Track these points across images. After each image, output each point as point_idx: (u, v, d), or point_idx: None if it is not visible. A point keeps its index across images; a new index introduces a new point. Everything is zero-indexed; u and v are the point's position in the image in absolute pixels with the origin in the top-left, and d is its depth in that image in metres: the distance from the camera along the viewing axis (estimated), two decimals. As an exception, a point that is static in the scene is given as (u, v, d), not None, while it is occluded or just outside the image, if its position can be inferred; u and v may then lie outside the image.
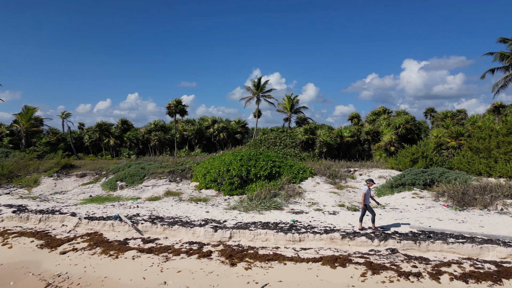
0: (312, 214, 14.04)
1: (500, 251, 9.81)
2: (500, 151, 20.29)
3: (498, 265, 9.21)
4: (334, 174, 21.65)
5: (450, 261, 9.54)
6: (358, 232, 11.30)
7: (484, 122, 29.19)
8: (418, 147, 24.77)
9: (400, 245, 10.43)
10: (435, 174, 18.69)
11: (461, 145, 27.52)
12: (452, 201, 15.64)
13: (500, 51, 38.00)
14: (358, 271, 8.91)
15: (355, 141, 39.83)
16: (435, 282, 8.36)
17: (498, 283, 8.30)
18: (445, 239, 10.55)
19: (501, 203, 14.99)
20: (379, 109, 47.94)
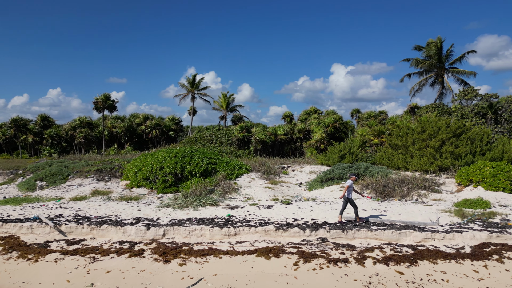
0: (248, 208, 14.21)
1: (415, 235, 10.84)
2: (415, 148, 22.41)
3: (414, 248, 10.17)
4: (269, 170, 22.15)
5: (373, 246, 10.31)
6: (291, 224, 11.69)
7: (402, 122, 32.03)
8: (345, 144, 26.37)
9: (330, 234, 11.01)
10: (360, 168, 20.04)
11: (383, 143, 29.88)
12: (375, 193, 16.92)
13: (416, 58, 42.03)
14: (291, 260, 9.21)
15: (289, 139, 41.17)
16: (361, 266, 8.96)
17: (414, 264, 9.16)
18: (369, 227, 11.37)
19: (416, 194, 16.58)
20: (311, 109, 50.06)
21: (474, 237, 10.62)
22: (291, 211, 13.62)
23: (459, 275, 8.52)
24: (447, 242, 10.55)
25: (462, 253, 9.68)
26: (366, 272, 8.62)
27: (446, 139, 21.63)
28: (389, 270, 8.77)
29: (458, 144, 21.20)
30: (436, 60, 40.74)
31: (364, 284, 8.05)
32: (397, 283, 8.10)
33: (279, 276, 8.38)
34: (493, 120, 31.31)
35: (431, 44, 40.28)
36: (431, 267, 8.96)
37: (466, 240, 10.58)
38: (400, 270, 8.76)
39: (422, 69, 42.43)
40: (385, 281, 8.18)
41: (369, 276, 8.40)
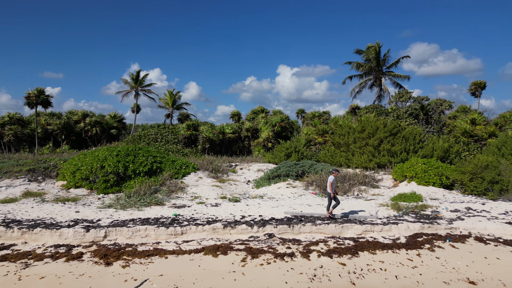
0: (195, 207, 13.97)
1: (356, 228, 11.39)
2: (356, 146, 23.58)
3: (355, 241, 10.68)
4: (217, 169, 21.98)
5: (318, 240, 10.65)
6: (239, 221, 11.70)
7: (344, 122, 33.58)
8: (291, 143, 27.02)
9: (277, 229, 11.19)
10: (305, 166, 20.63)
11: (326, 141, 31.06)
12: (319, 189, 17.51)
13: (357, 61, 44.27)
14: (239, 257, 9.22)
15: (237, 137, 41.24)
16: (306, 259, 9.21)
17: (355, 255, 9.61)
18: (314, 221, 11.73)
19: (357, 189, 17.44)
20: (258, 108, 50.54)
21: (409, 228, 11.41)
22: (239, 209, 13.63)
23: (396, 264, 9.09)
24: (385, 233, 11.23)
25: (398, 243, 10.35)
26: (311, 265, 8.88)
27: (383, 137, 23.03)
28: (332, 262, 9.11)
29: (394, 143, 22.67)
30: (375, 64, 43.23)
31: (309, 276, 8.28)
32: (339, 274, 8.44)
33: (226, 273, 8.33)
34: (424, 121, 33.95)
35: (371, 49, 42.66)
36: (370, 257, 9.46)
37: (402, 231, 11.34)
38: (343, 261, 9.14)
39: (362, 72, 44.82)
40: (329, 273, 8.48)
41: (314, 269, 8.66)
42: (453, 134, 30.52)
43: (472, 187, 16.31)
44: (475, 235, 11.02)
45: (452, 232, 11.28)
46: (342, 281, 8.17)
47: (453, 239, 10.61)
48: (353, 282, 8.13)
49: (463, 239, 10.68)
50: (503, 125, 31.11)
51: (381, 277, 8.40)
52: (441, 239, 10.64)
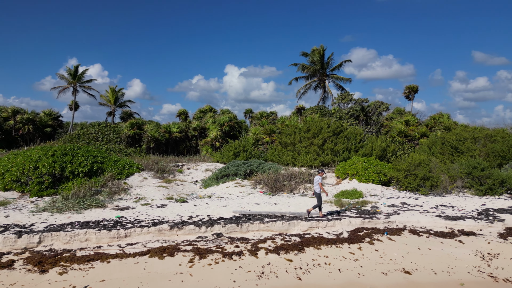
0: (140, 208, 13.46)
1: (302, 225, 11.72)
2: (302, 145, 24.28)
3: (301, 237, 10.98)
4: (163, 169, 21.38)
5: (265, 238, 10.79)
6: (186, 222, 11.48)
7: (290, 122, 34.45)
8: (239, 142, 27.12)
9: (225, 229, 11.15)
10: (253, 165, 20.82)
11: (274, 141, 31.63)
12: (267, 188, 17.77)
13: (302, 63, 45.59)
14: (186, 258, 9.04)
15: (184, 137, 40.46)
16: (254, 257, 9.29)
17: (301, 251, 9.88)
18: (262, 219, 11.87)
19: (303, 187, 17.96)
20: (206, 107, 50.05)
21: (351, 223, 11.99)
22: (187, 209, 13.39)
23: (339, 257, 9.50)
24: (329, 229, 11.68)
25: (341, 238, 10.82)
26: (259, 263, 8.97)
27: (327, 137, 23.96)
28: (279, 258, 9.28)
29: (337, 142, 23.69)
30: (319, 66, 44.86)
31: (257, 274, 8.36)
32: (286, 270, 8.62)
33: (173, 275, 8.13)
34: (364, 122, 35.91)
35: (315, 52, 44.19)
36: (316, 252, 9.79)
37: (344, 226, 11.87)
38: (290, 258, 9.35)
39: (308, 74, 46.29)
40: (276, 269, 8.63)
41: (262, 266, 8.76)
42: (390, 134, 32.63)
43: (407, 184, 17.55)
44: (410, 228, 11.87)
45: (390, 225, 12.04)
46: (289, 277, 8.35)
47: (390, 232, 11.32)
48: (299, 277, 8.35)
49: (399, 232, 11.44)
50: (433, 126, 33.89)
51: (326, 271, 8.73)
52: (380, 232, 11.31)
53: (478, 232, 11.64)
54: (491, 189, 16.73)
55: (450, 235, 11.27)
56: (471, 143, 22.96)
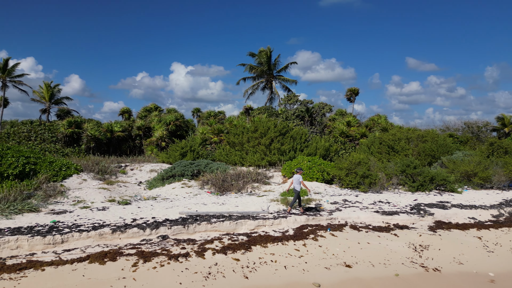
0: (78, 212, 12.69)
1: (250, 224, 11.82)
2: (250, 145, 24.48)
3: (248, 236, 11.07)
4: (104, 170, 20.36)
5: (213, 238, 10.73)
6: (129, 225, 11.04)
7: (238, 122, 34.56)
8: (186, 142, 26.66)
9: (171, 231, 10.90)
10: (201, 165, 20.58)
11: (222, 140, 31.53)
12: (215, 188, 17.67)
13: (250, 64, 45.96)
14: (130, 262, 8.70)
15: (127, 136, 38.83)
16: (201, 258, 9.19)
17: (248, 250, 9.97)
18: (209, 220, 11.78)
19: (250, 187, 18.12)
20: (151, 106, 48.53)
21: (296, 221, 12.32)
22: (130, 212, 12.87)
23: (285, 255, 9.72)
24: (275, 227, 11.91)
25: (287, 236, 11.08)
26: (206, 263, 8.89)
27: (274, 137, 24.41)
28: (227, 258, 9.28)
29: (283, 142, 24.22)
30: (267, 67, 45.54)
31: (204, 275, 8.28)
32: (234, 270, 8.64)
33: (115, 280, 7.78)
34: (309, 122, 37.12)
35: (262, 53, 44.78)
36: (262, 251, 9.92)
37: (290, 224, 12.18)
38: (237, 257, 9.38)
39: (255, 74, 46.78)
40: (223, 269, 8.61)
41: (209, 267, 8.70)
42: (332, 134, 34.06)
43: (348, 181, 18.44)
44: (350, 223, 12.48)
45: (332, 222, 12.57)
46: (236, 276, 8.38)
47: (333, 229, 11.82)
48: (246, 276, 8.41)
49: (341, 228, 11.99)
50: (372, 127, 35.97)
51: (272, 268, 8.89)
52: (323, 229, 11.76)
53: (411, 225, 12.57)
54: (422, 186, 18.15)
55: (386, 229, 12.03)
56: (405, 143, 24.73)
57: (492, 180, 19.05)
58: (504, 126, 42.51)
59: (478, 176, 19.06)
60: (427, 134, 25.91)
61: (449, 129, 40.21)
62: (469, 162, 20.10)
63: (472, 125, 39.55)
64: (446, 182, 18.15)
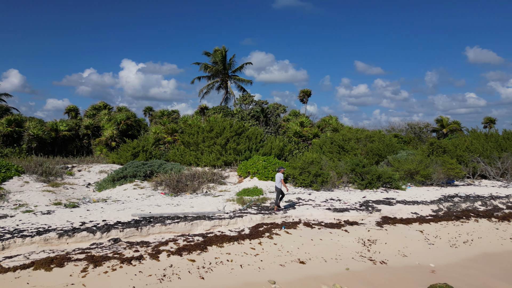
0: (20, 216, 11.86)
1: (206, 224, 11.77)
2: (205, 145, 24.29)
3: (204, 236, 11.01)
4: (48, 172, 19.18)
5: (167, 240, 10.54)
6: (78, 228, 10.53)
7: (193, 121, 34.10)
8: (139, 141, 25.86)
9: (123, 233, 10.55)
10: (154, 166, 20.09)
11: (176, 140, 30.95)
12: (169, 189, 17.34)
13: (205, 63, 45.55)
14: (79, 267, 8.30)
15: (74, 135, 36.80)
16: (155, 261, 9.00)
17: (204, 250, 9.91)
18: (163, 221, 11.55)
19: (206, 187, 18.00)
20: (100, 104, 46.32)
21: (252, 220, 12.46)
22: (78, 215, 12.26)
23: (241, 254, 9.80)
24: (232, 227, 11.96)
25: (243, 235, 11.17)
26: (161, 266, 8.72)
27: (230, 137, 24.44)
28: (182, 260, 9.17)
29: (239, 142, 24.33)
30: (222, 67, 45.39)
31: (159, 277, 8.13)
32: (189, 271, 8.57)
33: (63, 287, 7.39)
34: (264, 122, 37.58)
35: (217, 52, 44.56)
36: (218, 251, 9.93)
37: (246, 223, 12.29)
38: (192, 258, 9.30)
39: (210, 73, 46.44)
40: (178, 271, 8.51)
41: (164, 269, 8.54)
42: (287, 134, 34.79)
43: (301, 180, 18.95)
44: (304, 221, 12.86)
45: (287, 220, 12.87)
46: (191, 277, 8.32)
47: (287, 226, 12.10)
48: (202, 276, 8.38)
49: (295, 225, 12.31)
50: (324, 127, 37.22)
51: (228, 268, 8.93)
52: (278, 227, 12.01)
53: (360, 221, 13.21)
54: (370, 184, 19.12)
55: (338, 225, 12.55)
56: (354, 143, 25.89)
57: (432, 177, 20.52)
58: (442, 127, 45.90)
59: (420, 174, 20.44)
60: (375, 135, 27.33)
61: (394, 129, 42.66)
62: (412, 161, 21.49)
63: (414, 126, 42.27)
64: (392, 180, 19.27)
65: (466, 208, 15.60)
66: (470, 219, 14.12)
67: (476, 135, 29.07)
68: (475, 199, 16.76)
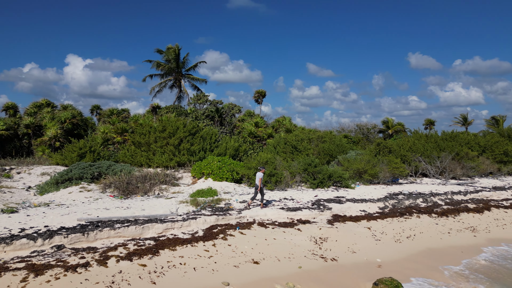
0: None
1: (157, 227, 11.43)
2: (157, 145, 23.63)
3: (156, 240, 10.69)
4: (-18, 174, 17.61)
5: (117, 245, 10.09)
6: (17, 235, 9.75)
7: (145, 121, 33.04)
8: (85, 142, 24.57)
9: (68, 239, 9.94)
10: (102, 167, 19.18)
11: (126, 140, 29.79)
12: (118, 191, 16.64)
13: (157, 61, 44.37)
14: (18, 277, 7.68)
15: (12, 135, 34.09)
16: (103, 267, 8.58)
17: (156, 254, 9.63)
18: (112, 225, 11.05)
19: (158, 189, 17.52)
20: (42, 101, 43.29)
21: (206, 221, 12.31)
22: (17, 221, 11.36)
23: (194, 256, 9.64)
24: (185, 229, 11.73)
25: (196, 237, 11.00)
26: (109, 272, 8.33)
27: (183, 137, 23.99)
28: (132, 265, 8.83)
29: (193, 142, 23.96)
30: (175, 65, 44.45)
31: (107, 284, 7.76)
32: (140, 276, 8.27)
33: (-1, 301, 6.80)
34: (219, 122, 37.35)
35: (170, 50, 43.57)
36: (171, 254, 9.69)
37: (200, 225, 12.11)
38: (143, 263, 9.00)
39: (163, 72, 45.29)
40: (128, 277, 8.18)
41: (113, 276, 8.17)
42: (242, 135, 34.87)
43: (256, 181, 19.06)
44: (258, 221, 12.94)
45: (241, 220, 12.88)
46: (142, 282, 8.03)
47: (242, 227, 12.12)
48: (153, 281, 8.12)
49: (249, 226, 12.35)
50: (278, 128, 37.80)
51: (181, 271, 8.74)
52: (233, 228, 11.98)
53: (312, 220, 13.56)
54: (322, 183, 19.71)
55: (291, 224, 12.78)
56: (307, 143, 26.56)
57: (379, 176, 21.60)
58: (388, 128, 48.52)
59: (367, 173, 21.43)
60: (326, 135, 28.24)
61: (344, 130, 44.40)
62: (360, 161, 22.48)
63: (362, 127, 44.30)
64: (342, 179, 20.01)
65: (409, 205, 16.60)
66: (412, 215, 15.05)
67: (418, 136, 31.07)
68: (417, 196, 17.88)
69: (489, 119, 51.93)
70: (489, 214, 16.00)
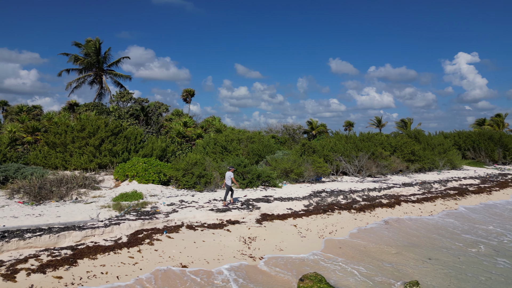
0: None
1: (75, 235, 10.55)
2: (75, 146, 21.84)
3: (74, 249, 9.85)
4: None
5: (27, 256, 9.09)
6: None
7: (60, 119, 30.28)
8: (-12, 141, 21.72)
9: (-35, 254, 8.68)
10: (9, 170, 17.18)
11: (38, 140, 27.04)
12: (29, 197, 15.00)
13: (75, 54, 41.09)
14: None
15: None
16: (11, 282, 7.68)
17: (74, 264, 8.88)
18: (21, 235, 9.93)
19: (76, 193, 16.19)
20: None
21: (130, 226, 11.69)
22: None
23: (118, 264, 9.09)
24: (107, 235, 11.00)
25: (120, 244, 10.38)
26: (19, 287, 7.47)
27: (105, 137, 22.51)
28: (46, 277, 8.04)
29: (116, 142, 22.61)
30: (95, 60, 41.56)
31: (15, 303, 6.94)
32: (55, 290, 7.55)
33: None
34: (144, 122, 35.79)
35: (90, 43, 40.63)
36: (91, 263, 9.02)
37: (123, 230, 11.46)
38: (59, 274, 8.25)
39: (82, 66, 42.07)
40: (41, 292, 7.42)
41: (22, 292, 7.34)
42: (169, 135, 33.84)
43: (185, 182, 18.65)
44: (187, 224, 12.67)
45: (169, 224, 12.47)
46: (58, 297, 7.34)
47: (169, 231, 11.74)
48: (71, 295, 7.47)
49: (177, 229, 12.02)
50: (207, 128, 37.46)
51: (102, 281, 8.20)
52: (160, 232, 11.55)
53: (242, 220, 13.67)
54: (251, 183, 19.98)
55: (220, 225, 12.73)
56: (236, 143, 26.73)
57: (304, 175, 22.59)
58: (312, 129, 51.03)
59: (294, 172, 22.28)
60: (255, 136, 28.71)
61: (271, 131, 45.61)
62: (287, 161, 23.28)
63: (289, 128, 45.96)
64: (270, 178, 20.52)
65: (331, 202, 17.62)
66: (334, 212, 15.99)
67: (338, 137, 33.18)
68: (338, 194, 19.06)
69: (399, 122, 57.40)
70: (399, 208, 17.67)
